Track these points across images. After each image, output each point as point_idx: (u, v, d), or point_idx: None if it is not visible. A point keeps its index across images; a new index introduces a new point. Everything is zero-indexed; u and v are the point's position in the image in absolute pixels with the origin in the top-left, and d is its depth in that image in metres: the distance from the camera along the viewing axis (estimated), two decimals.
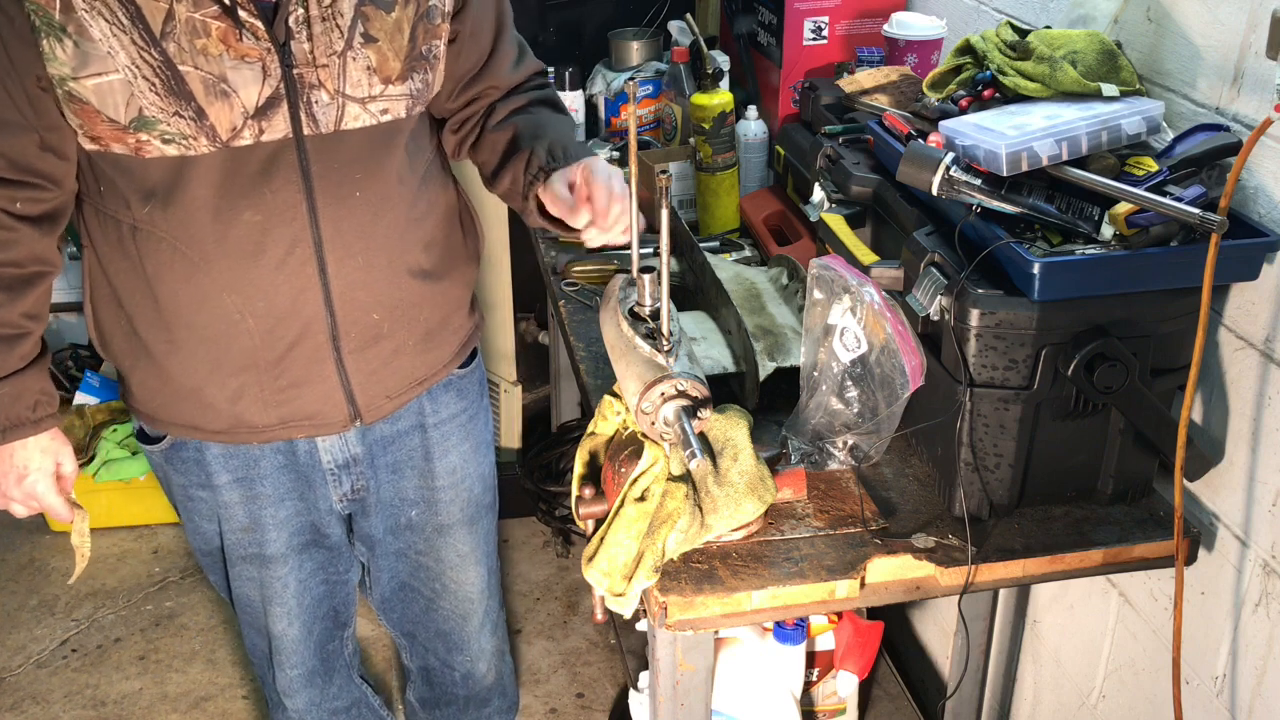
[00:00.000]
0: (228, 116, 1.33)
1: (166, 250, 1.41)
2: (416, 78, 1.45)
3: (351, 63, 1.37)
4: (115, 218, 1.42)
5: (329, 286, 1.46)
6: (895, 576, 1.41)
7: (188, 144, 1.33)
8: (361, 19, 1.37)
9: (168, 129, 1.32)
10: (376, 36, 1.38)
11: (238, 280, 1.43)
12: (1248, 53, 1.37)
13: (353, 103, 1.39)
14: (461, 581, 1.84)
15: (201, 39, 1.29)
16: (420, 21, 1.42)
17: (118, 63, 1.28)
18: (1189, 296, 1.34)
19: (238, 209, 1.39)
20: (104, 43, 1.27)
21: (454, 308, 1.65)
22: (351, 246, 1.46)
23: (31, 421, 1.48)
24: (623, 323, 1.41)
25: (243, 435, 1.55)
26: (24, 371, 1.46)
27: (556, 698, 2.58)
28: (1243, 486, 1.45)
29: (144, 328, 1.48)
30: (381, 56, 1.39)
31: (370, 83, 1.40)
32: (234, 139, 1.34)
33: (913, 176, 1.43)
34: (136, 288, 1.46)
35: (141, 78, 1.29)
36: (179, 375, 1.50)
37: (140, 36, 1.28)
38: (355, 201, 1.44)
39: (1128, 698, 1.74)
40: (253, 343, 1.47)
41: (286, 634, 1.75)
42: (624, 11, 2.84)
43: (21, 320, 1.45)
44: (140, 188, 1.38)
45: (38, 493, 1.52)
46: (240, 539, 1.66)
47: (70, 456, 1.55)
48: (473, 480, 1.78)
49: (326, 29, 1.35)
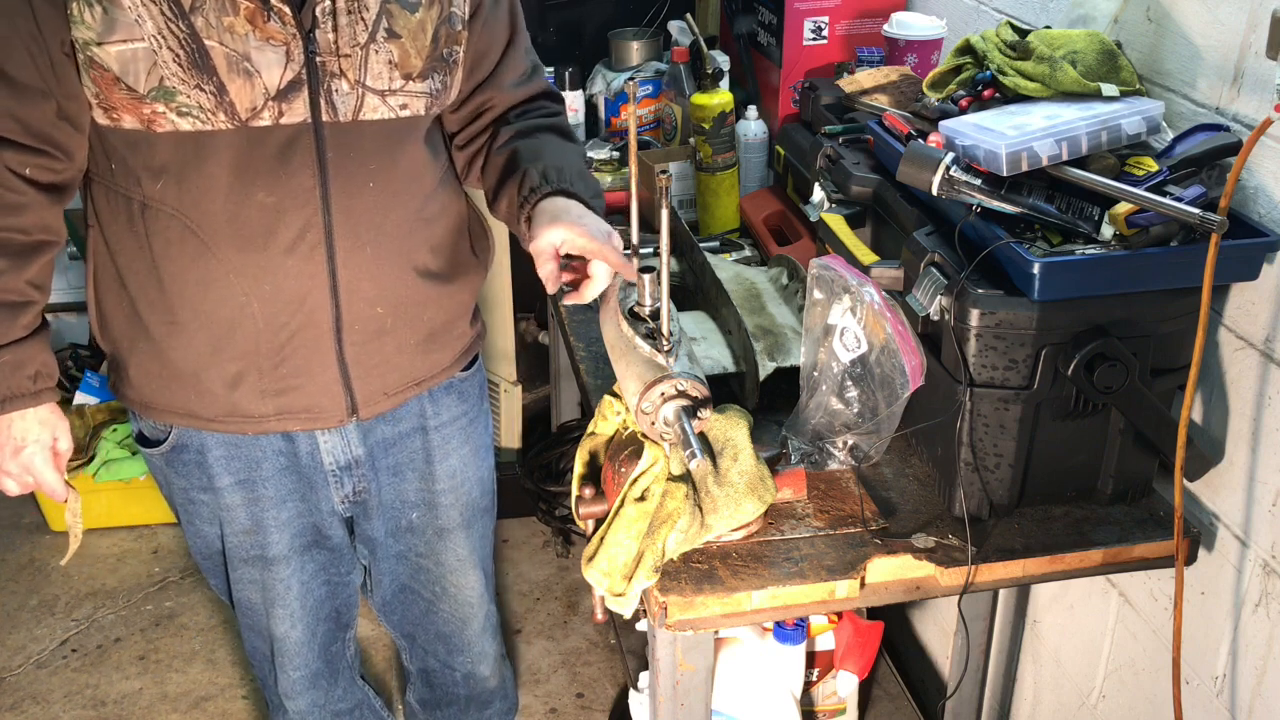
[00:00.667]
0: (249, 95, 1.34)
1: (176, 229, 1.42)
2: (436, 78, 1.46)
3: (374, 55, 1.39)
4: (125, 195, 1.43)
5: (336, 275, 1.46)
6: (895, 576, 1.41)
7: (205, 119, 1.34)
8: (386, 15, 1.39)
9: (187, 101, 1.33)
10: (400, 33, 1.40)
11: (246, 262, 1.43)
12: (1248, 53, 1.37)
13: (372, 94, 1.41)
14: (461, 585, 1.84)
15: (229, 17, 1.31)
16: (443, 25, 1.44)
17: (144, 31, 1.30)
18: (1189, 296, 1.34)
19: (252, 189, 1.39)
20: (133, 10, 1.29)
21: (458, 313, 1.65)
22: (361, 237, 1.46)
23: (31, 393, 1.47)
24: (623, 323, 1.41)
25: (237, 424, 1.54)
26: (26, 341, 1.45)
27: (556, 698, 2.58)
28: (1243, 486, 1.45)
29: (146, 309, 1.48)
30: (404, 52, 1.41)
31: (391, 76, 1.41)
32: (253, 118, 1.36)
33: (913, 176, 1.43)
34: (141, 267, 1.46)
35: (166, 48, 1.31)
36: (178, 359, 1.50)
37: (169, 7, 1.30)
38: (368, 193, 1.45)
39: (1128, 698, 1.74)
40: (256, 328, 1.47)
41: (289, 636, 1.74)
42: (624, 11, 2.84)
43: (26, 288, 1.44)
44: (151, 164, 1.39)
45: (34, 466, 1.50)
46: (242, 541, 1.65)
47: (66, 433, 1.53)
48: (471, 484, 1.78)
49: (351, 21, 1.37)
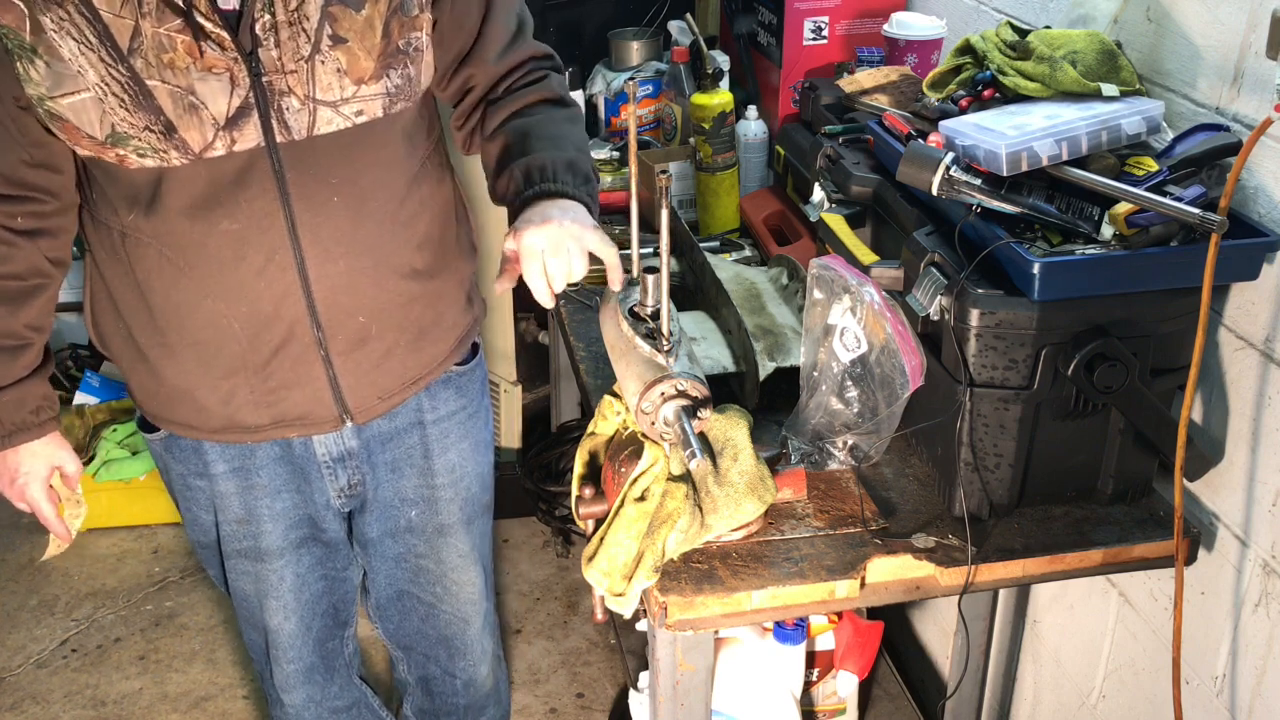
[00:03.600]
0: (198, 130, 1.32)
1: (154, 255, 1.42)
2: (394, 74, 1.41)
3: (320, 66, 1.35)
4: (107, 224, 1.44)
5: (311, 291, 1.45)
6: (895, 576, 1.41)
7: (160, 157, 1.33)
8: (329, 20, 1.34)
9: (140, 144, 1.32)
10: (346, 37, 1.35)
11: (220, 286, 1.43)
12: (1248, 53, 1.37)
13: (324, 107, 1.37)
14: (463, 584, 1.83)
15: (169, 53, 1.28)
16: (394, 16, 1.38)
17: (88, 81, 1.29)
18: (1189, 296, 1.34)
19: (214, 218, 1.39)
20: (74, 62, 1.28)
21: (448, 304, 1.63)
22: (331, 251, 1.44)
23: (36, 425, 1.52)
24: (623, 323, 1.41)
25: (237, 435, 1.55)
26: (27, 380, 1.50)
27: (556, 698, 2.58)
28: (1243, 486, 1.45)
29: (139, 332, 1.50)
30: (351, 57, 1.36)
31: (341, 85, 1.37)
32: (206, 151, 1.34)
33: (913, 176, 1.43)
34: (130, 293, 1.47)
35: (111, 94, 1.29)
36: (173, 378, 1.51)
37: (108, 54, 1.27)
38: (333, 207, 1.43)
39: (1128, 698, 1.74)
40: (240, 346, 1.47)
41: (282, 628, 1.75)
42: (624, 11, 2.83)
43: (24, 331, 1.48)
44: (125, 194, 1.39)
45: (29, 496, 1.56)
46: (236, 531, 1.66)
47: (70, 458, 1.58)
48: (471, 479, 1.77)
49: (293, 33, 1.32)
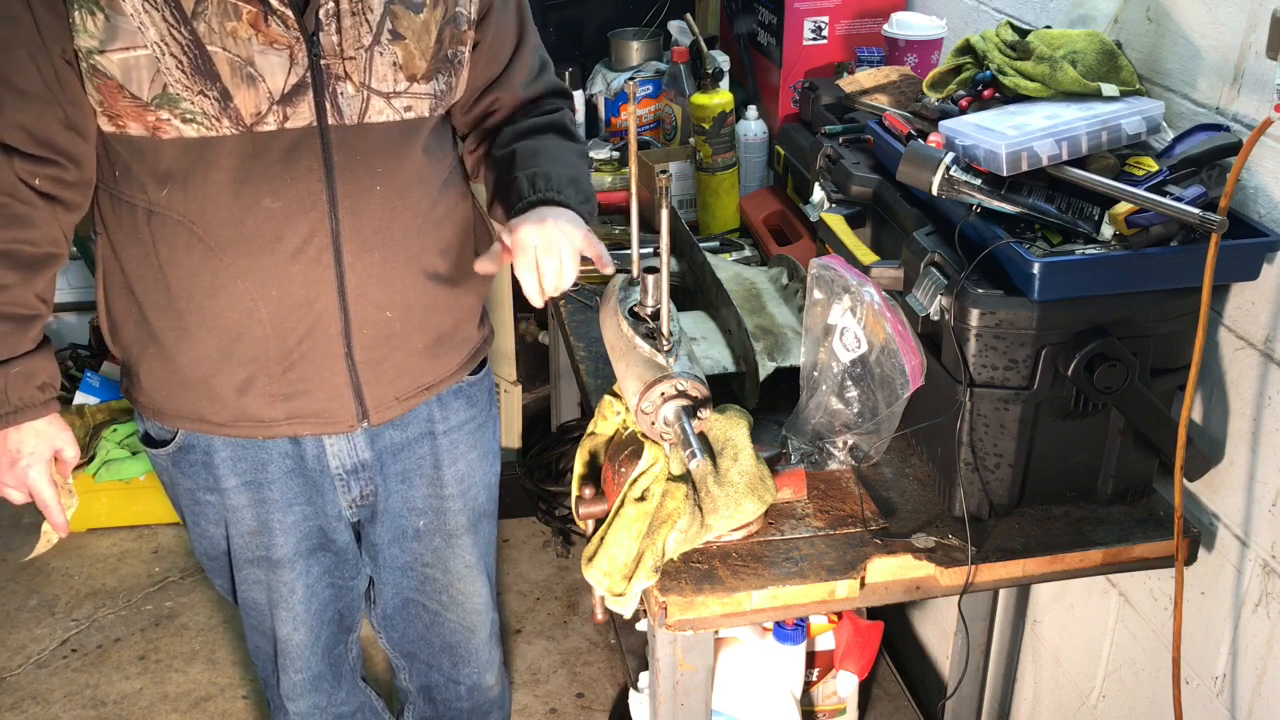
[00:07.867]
0: (253, 100, 1.34)
1: (183, 235, 1.42)
2: (441, 79, 1.46)
3: (378, 57, 1.39)
4: (130, 202, 1.43)
5: (344, 279, 1.46)
6: (895, 576, 1.41)
7: (210, 124, 1.34)
8: (390, 17, 1.39)
9: (191, 107, 1.33)
10: (404, 34, 1.40)
11: (253, 267, 1.43)
12: (1248, 53, 1.37)
13: (378, 96, 1.41)
14: (469, 593, 1.83)
15: (232, 22, 1.31)
16: (448, 25, 1.44)
17: (147, 38, 1.30)
18: (1189, 296, 1.34)
19: (258, 194, 1.39)
20: (135, 17, 1.29)
21: (465, 316, 1.64)
22: (369, 240, 1.46)
23: (41, 403, 1.48)
24: (623, 323, 1.41)
25: (247, 429, 1.54)
26: (35, 353, 1.47)
27: (556, 698, 2.58)
28: (1243, 486, 1.45)
29: (154, 314, 1.49)
30: (408, 54, 1.41)
31: (396, 78, 1.41)
32: (258, 123, 1.36)
33: (913, 176, 1.43)
34: (148, 274, 1.46)
35: (169, 54, 1.31)
36: (187, 364, 1.50)
37: (172, 14, 1.30)
38: (375, 196, 1.45)
39: (1128, 698, 1.74)
40: (264, 332, 1.47)
41: (292, 638, 1.74)
42: (624, 11, 2.84)
43: (35, 301, 1.46)
44: (156, 170, 1.39)
45: (30, 479, 1.51)
46: (248, 542, 1.65)
47: (70, 441, 1.54)
48: (479, 489, 1.77)
49: (355, 23, 1.37)
